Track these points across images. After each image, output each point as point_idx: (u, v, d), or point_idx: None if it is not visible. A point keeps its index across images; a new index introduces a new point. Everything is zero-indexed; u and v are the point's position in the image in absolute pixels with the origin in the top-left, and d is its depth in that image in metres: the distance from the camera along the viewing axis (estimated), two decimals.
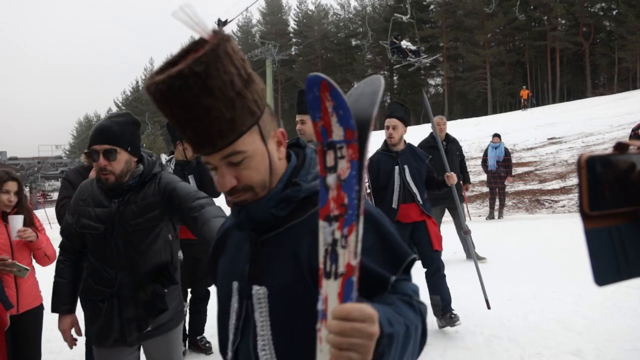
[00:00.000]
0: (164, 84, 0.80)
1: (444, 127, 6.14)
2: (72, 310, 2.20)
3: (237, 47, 0.85)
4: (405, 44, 22.12)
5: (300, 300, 0.90)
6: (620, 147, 0.59)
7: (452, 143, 6.17)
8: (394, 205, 3.83)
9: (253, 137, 0.90)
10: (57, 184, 34.49)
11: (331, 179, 0.74)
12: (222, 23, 22.44)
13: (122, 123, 2.07)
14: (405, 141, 4.03)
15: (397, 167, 3.89)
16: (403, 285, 0.90)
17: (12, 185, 2.74)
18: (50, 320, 2.18)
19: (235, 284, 1.02)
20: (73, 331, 2.19)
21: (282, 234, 0.97)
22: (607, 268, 0.60)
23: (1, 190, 2.72)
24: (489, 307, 3.88)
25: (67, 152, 60.98)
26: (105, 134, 2.03)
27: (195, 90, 0.80)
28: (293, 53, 52.62)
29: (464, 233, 3.99)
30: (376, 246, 0.90)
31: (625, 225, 0.59)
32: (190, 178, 3.98)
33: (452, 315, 3.70)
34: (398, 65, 25.73)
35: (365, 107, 0.80)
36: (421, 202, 3.86)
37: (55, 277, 2.23)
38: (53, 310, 2.20)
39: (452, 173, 3.92)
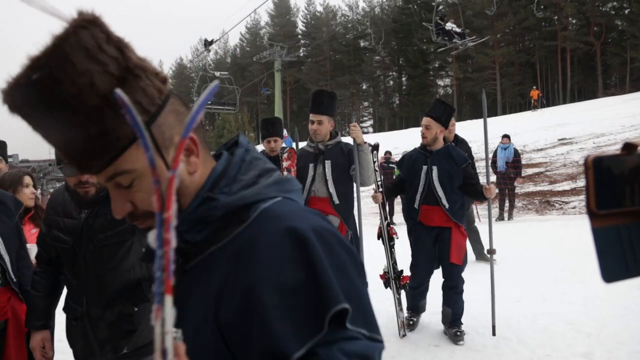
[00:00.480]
0: (6, 96, 0.60)
1: (453, 128, 6.10)
2: (47, 327, 2.07)
3: (104, 33, 0.60)
4: (450, 25, 20.48)
5: (206, 355, 0.68)
6: (629, 147, 0.60)
7: (460, 144, 6.14)
8: (415, 205, 3.77)
9: (138, 152, 0.67)
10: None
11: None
12: (208, 43, 22.49)
13: None
14: (446, 141, 3.88)
15: (425, 167, 3.76)
16: (330, 355, 0.61)
17: (29, 179, 2.89)
18: (59, 320, 2.19)
19: None
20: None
21: (204, 261, 0.74)
22: (615, 265, 0.61)
23: (22, 184, 2.82)
24: (494, 334, 3.68)
25: None
26: None
27: (41, 105, 0.60)
28: (301, 55, 52.73)
29: (487, 253, 3.78)
30: (293, 292, 0.63)
31: (634, 224, 0.60)
32: None
33: (458, 333, 3.65)
34: (442, 49, 23.61)
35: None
36: (447, 207, 3.66)
37: (31, 289, 2.10)
38: (26, 325, 2.08)
39: (492, 186, 3.66)
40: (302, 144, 3.95)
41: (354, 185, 3.42)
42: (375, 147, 5.89)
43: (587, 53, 42.59)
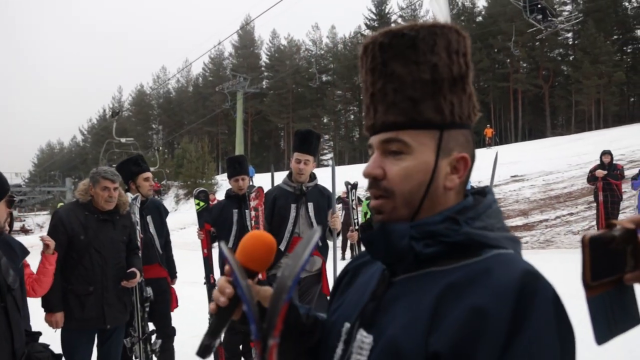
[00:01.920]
0: (375, 38, 0.78)
1: None
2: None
3: (466, 44, 0.79)
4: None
5: None
6: (609, 225, 0.70)
7: None
8: None
9: (426, 140, 0.76)
10: (15, 212, 33.11)
11: None
12: (115, 113, 25.10)
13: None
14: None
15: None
16: None
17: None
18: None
19: (345, 326, 0.83)
20: None
21: (417, 279, 0.75)
22: (605, 329, 0.69)
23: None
24: None
25: (27, 181, 58.78)
26: None
27: (392, 51, 0.76)
28: (264, 87, 53.14)
29: None
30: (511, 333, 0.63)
31: (613, 290, 0.69)
32: (149, 219, 3.85)
33: None
34: (532, 29, 20.58)
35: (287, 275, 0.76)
36: None
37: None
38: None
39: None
40: (264, 176, 3.97)
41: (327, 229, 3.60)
42: (354, 186, 6.00)
43: (537, 95, 45.11)
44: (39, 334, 2.10)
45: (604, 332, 0.69)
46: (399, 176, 0.77)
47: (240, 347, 3.80)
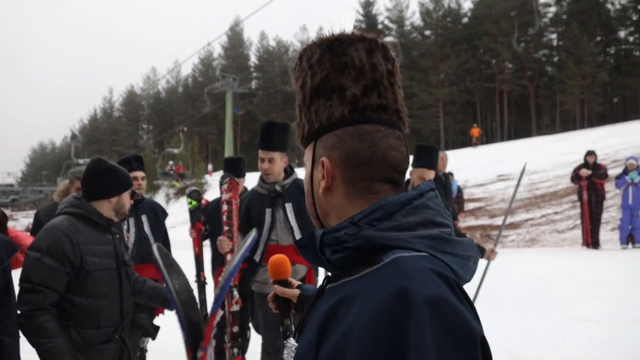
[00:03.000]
0: (302, 49, 0.85)
1: (446, 162, 6.45)
2: None
3: (329, 52, 0.81)
4: None
5: None
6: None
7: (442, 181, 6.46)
8: None
9: (308, 153, 0.83)
10: (8, 212, 32.83)
11: None
12: (73, 135, 25.55)
13: None
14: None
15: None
16: None
17: None
18: None
19: None
20: None
21: (337, 289, 0.73)
22: None
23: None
24: None
25: (19, 180, 58.23)
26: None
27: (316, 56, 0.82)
28: (253, 87, 53.05)
29: None
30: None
31: None
32: (144, 218, 3.85)
33: None
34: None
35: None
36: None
37: (48, 339, 1.94)
38: None
39: (493, 248, 3.29)
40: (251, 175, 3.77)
41: None
42: None
43: (522, 95, 45.68)
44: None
45: None
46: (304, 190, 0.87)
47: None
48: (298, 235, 2.93)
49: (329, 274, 0.81)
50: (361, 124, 0.77)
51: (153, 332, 2.67)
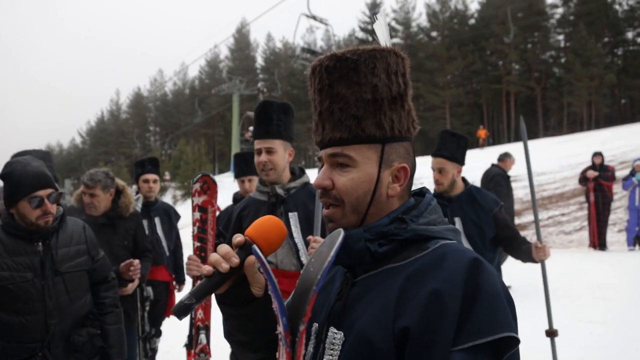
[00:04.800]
0: (321, 61, 0.89)
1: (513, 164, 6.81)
2: None
3: (404, 64, 0.90)
4: None
5: (378, 357, 0.77)
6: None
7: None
8: None
9: (369, 153, 0.87)
10: None
11: None
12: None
13: (46, 167, 2.07)
14: (464, 183, 2.97)
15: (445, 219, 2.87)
16: None
17: None
18: None
19: (314, 327, 0.91)
20: None
21: (377, 276, 0.85)
22: None
23: None
24: None
25: None
26: (46, 179, 2.01)
27: (336, 73, 0.87)
28: (260, 89, 53.21)
29: (546, 335, 3.14)
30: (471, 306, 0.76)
31: None
32: (157, 220, 3.88)
33: None
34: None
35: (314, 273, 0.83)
36: None
37: None
38: None
39: (545, 245, 2.69)
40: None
41: None
42: None
43: (529, 97, 45.47)
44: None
45: None
46: (345, 186, 0.86)
47: None
48: (304, 258, 2.17)
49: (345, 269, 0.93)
50: (409, 141, 0.92)
51: (92, 353, 2.15)
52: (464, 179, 2.98)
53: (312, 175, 2.09)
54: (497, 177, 6.90)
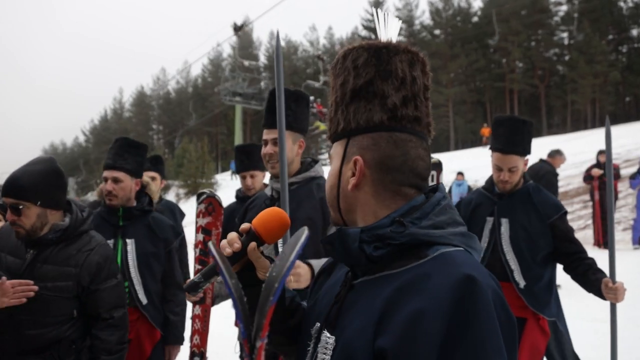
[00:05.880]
0: (347, 49, 0.90)
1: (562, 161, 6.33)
2: None
3: (369, 57, 0.87)
4: None
5: None
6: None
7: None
8: None
9: (338, 149, 0.89)
10: None
11: None
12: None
13: (35, 173, 1.84)
14: (523, 178, 2.48)
15: (490, 219, 2.45)
16: None
17: None
18: None
19: (316, 326, 0.89)
20: None
21: (372, 282, 0.80)
22: None
23: None
24: None
25: None
26: (12, 187, 1.82)
27: (332, 73, 0.92)
28: (262, 87, 53.24)
29: None
30: (454, 336, 0.68)
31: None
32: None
33: None
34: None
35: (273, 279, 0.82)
36: (522, 285, 2.36)
37: None
38: None
39: (619, 284, 2.32)
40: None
41: None
42: None
43: (533, 95, 45.30)
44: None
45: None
46: (326, 183, 0.91)
47: None
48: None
49: (347, 269, 0.89)
50: (396, 132, 0.84)
51: None
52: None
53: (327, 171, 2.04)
54: (549, 175, 6.32)
